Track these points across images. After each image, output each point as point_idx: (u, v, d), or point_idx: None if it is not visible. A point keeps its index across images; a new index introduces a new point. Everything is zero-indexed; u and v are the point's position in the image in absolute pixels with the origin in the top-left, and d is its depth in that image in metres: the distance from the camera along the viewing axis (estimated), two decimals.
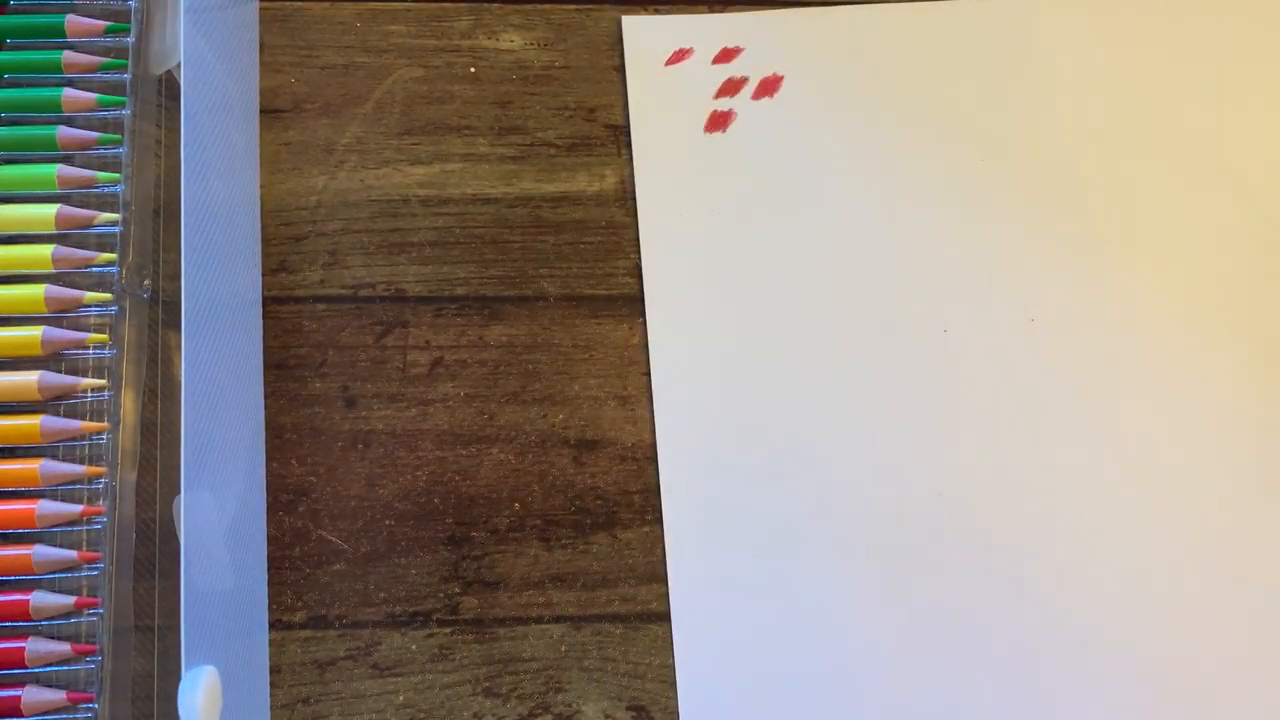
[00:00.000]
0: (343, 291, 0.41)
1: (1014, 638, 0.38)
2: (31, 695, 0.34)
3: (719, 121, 0.43)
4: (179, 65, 0.37)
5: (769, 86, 0.44)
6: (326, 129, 0.43)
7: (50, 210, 0.38)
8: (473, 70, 0.44)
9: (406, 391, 0.40)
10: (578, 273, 0.42)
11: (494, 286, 0.41)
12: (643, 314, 0.42)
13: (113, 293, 0.38)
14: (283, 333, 0.41)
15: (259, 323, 0.41)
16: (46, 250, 0.38)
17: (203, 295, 0.36)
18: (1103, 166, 0.43)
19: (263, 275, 0.41)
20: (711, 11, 0.45)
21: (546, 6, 0.45)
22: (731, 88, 0.44)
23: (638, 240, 0.42)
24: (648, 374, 0.41)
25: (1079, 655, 0.38)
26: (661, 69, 0.44)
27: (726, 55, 0.44)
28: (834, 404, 0.40)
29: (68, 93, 0.39)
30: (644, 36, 0.44)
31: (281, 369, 0.40)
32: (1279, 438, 0.41)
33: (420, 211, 0.42)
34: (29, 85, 0.40)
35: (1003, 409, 0.41)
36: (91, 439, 0.37)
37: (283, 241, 0.42)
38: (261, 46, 0.44)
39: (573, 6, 0.45)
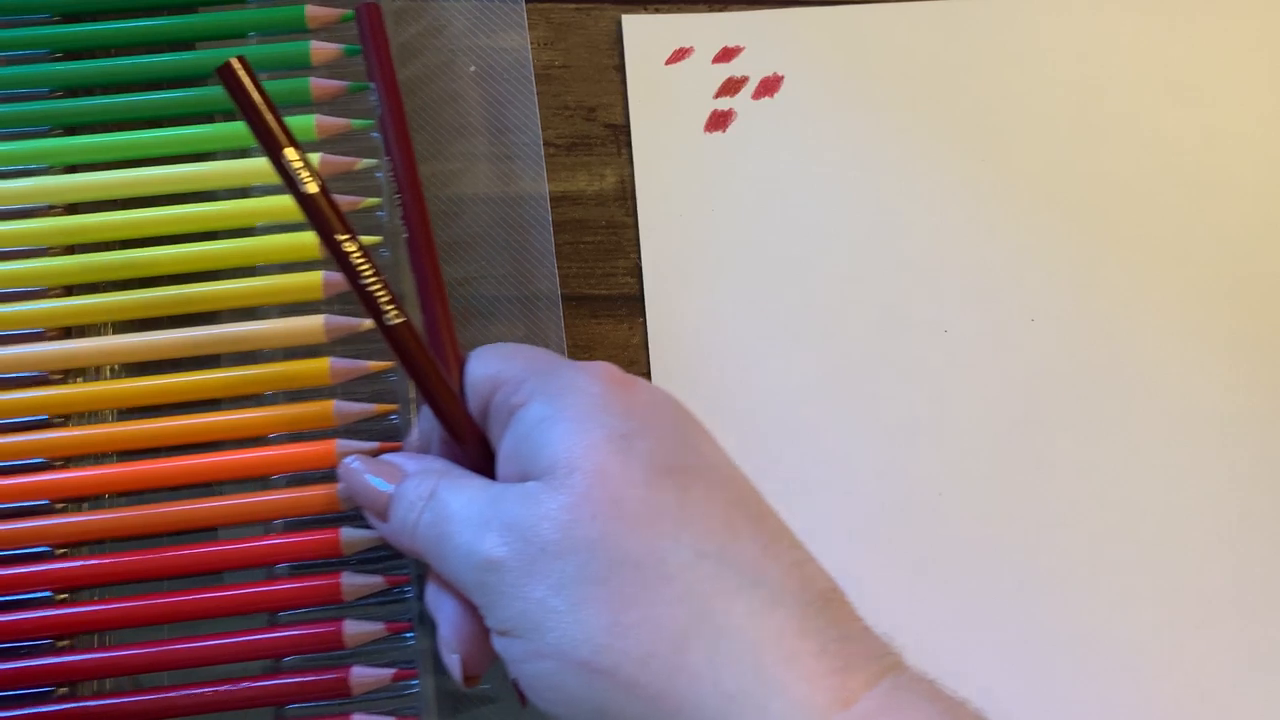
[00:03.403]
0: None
1: (1015, 637, 0.38)
2: (359, 674, 0.35)
3: (719, 121, 0.43)
4: None
5: (769, 86, 0.44)
6: None
7: (313, 157, 0.39)
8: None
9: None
10: (577, 273, 0.42)
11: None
12: (643, 314, 0.41)
13: (382, 235, 0.40)
14: None
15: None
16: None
17: None
18: (1104, 166, 0.43)
19: None
20: (711, 11, 0.45)
21: (546, 5, 0.45)
22: (731, 87, 0.44)
23: (638, 240, 0.42)
24: (648, 374, 0.41)
25: (1080, 653, 0.38)
26: (661, 68, 0.44)
27: (727, 55, 0.44)
28: (834, 404, 0.40)
29: (315, 44, 0.40)
30: (644, 36, 0.44)
31: None
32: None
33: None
34: (276, 41, 0.41)
35: (1003, 409, 0.41)
36: (380, 378, 0.38)
37: None
38: None
39: (572, 6, 0.45)
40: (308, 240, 0.38)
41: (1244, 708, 0.38)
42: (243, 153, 0.40)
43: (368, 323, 0.37)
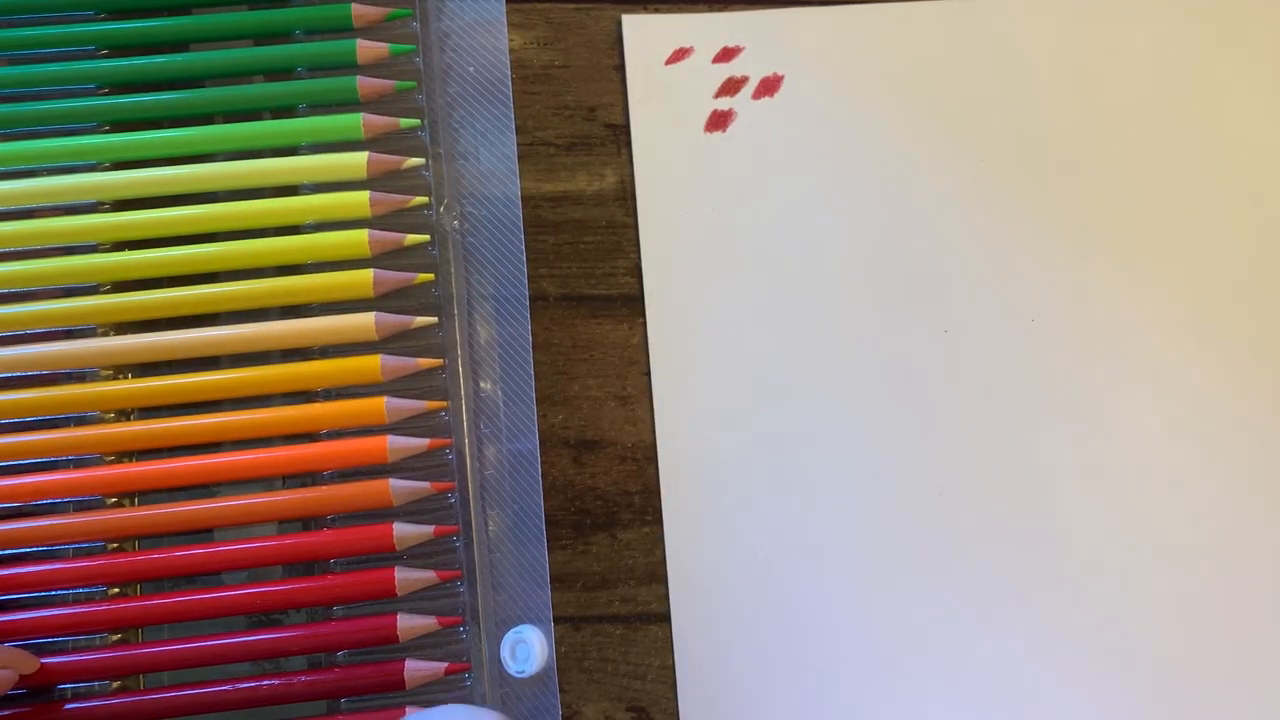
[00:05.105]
0: None
1: (1015, 637, 0.38)
2: (413, 668, 0.36)
3: (719, 121, 0.43)
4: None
5: (769, 86, 0.44)
6: None
7: (361, 157, 0.39)
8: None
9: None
10: (577, 272, 0.42)
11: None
12: (643, 314, 0.41)
13: (431, 233, 0.40)
14: None
15: None
16: (363, 195, 0.39)
17: None
18: (1103, 166, 0.43)
19: None
20: (711, 11, 0.45)
21: (546, 5, 0.45)
22: (731, 87, 0.44)
23: (638, 240, 0.42)
24: (648, 374, 0.41)
25: (1080, 654, 0.38)
26: (661, 68, 0.44)
27: (726, 55, 0.44)
28: (834, 404, 0.40)
29: (361, 43, 0.41)
30: (644, 36, 0.44)
31: None
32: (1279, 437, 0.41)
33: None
34: (325, 39, 0.41)
35: (1003, 409, 0.41)
36: (430, 375, 0.39)
37: None
38: None
39: (572, 6, 0.45)
40: (357, 238, 0.39)
41: (1244, 708, 0.38)
42: (292, 150, 0.40)
43: (418, 320, 0.38)
